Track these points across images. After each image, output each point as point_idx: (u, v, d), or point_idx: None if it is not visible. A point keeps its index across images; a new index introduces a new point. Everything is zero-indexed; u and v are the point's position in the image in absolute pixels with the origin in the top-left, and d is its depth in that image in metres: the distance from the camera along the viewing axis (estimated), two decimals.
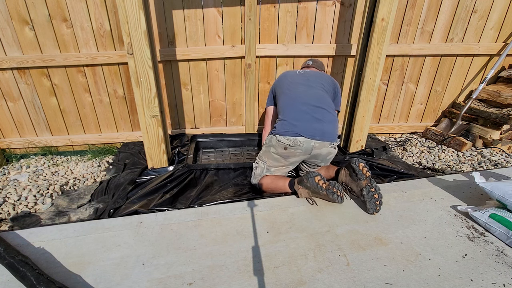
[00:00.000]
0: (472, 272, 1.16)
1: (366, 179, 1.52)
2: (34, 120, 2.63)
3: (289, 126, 1.69)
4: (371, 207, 1.48)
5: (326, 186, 1.54)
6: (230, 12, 2.40)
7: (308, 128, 1.68)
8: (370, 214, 1.50)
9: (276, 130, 1.74)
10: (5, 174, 2.41)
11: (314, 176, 1.55)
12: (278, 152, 1.74)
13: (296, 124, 1.68)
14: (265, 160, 1.82)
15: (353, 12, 2.49)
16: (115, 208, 1.71)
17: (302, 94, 1.80)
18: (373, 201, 1.47)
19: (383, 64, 2.07)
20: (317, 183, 1.53)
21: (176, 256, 1.25)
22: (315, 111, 1.72)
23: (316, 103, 1.76)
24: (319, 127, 1.69)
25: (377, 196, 1.48)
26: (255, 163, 1.90)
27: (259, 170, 1.84)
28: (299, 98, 1.78)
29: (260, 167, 1.84)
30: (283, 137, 1.69)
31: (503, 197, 1.38)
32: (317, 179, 1.54)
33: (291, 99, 1.79)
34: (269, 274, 1.15)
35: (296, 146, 1.67)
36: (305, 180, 1.57)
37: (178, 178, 1.94)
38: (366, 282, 1.11)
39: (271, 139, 1.77)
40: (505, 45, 2.69)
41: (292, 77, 1.93)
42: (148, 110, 1.88)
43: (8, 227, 1.67)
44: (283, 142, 1.69)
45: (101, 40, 2.38)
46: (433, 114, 3.06)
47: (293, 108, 1.75)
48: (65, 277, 1.14)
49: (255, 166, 1.89)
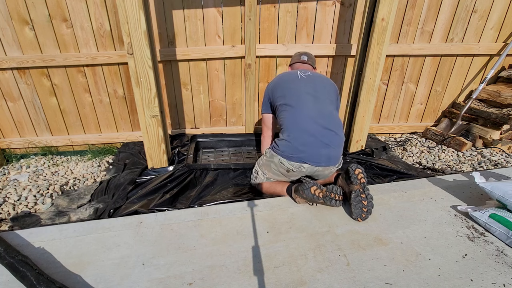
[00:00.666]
0: (472, 272, 1.16)
1: (359, 185, 1.48)
2: (34, 120, 2.63)
3: (294, 151, 1.58)
4: (355, 211, 1.44)
5: (323, 194, 1.52)
6: (230, 12, 2.40)
7: (315, 155, 1.58)
8: (353, 219, 1.47)
9: (279, 151, 1.63)
10: (5, 174, 2.41)
11: (310, 187, 1.52)
12: (280, 171, 1.69)
13: (302, 150, 1.57)
14: (265, 172, 1.75)
15: (353, 12, 2.49)
16: (115, 208, 1.71)
17: (310, 111, 1.63)
18: (359, 206, 1.43)
19: (383, 64, 2.07)
20: (313, 194, 1.51)
21: (176, 256, 1.25)
22: (323, 134, 1.60)
23: (326, 124, 1.61)
24: (325, 153, 1.60)
25: (365, 203, 1.43)
26: (255, 172, 1.84)
27: (258, 179, 1.80)
28: (307, 116, 1.62)
29: (259, 178, 1.79)
30: (287, 161, 1.60)
31: (503, 197, 1.38)
32: (312, 190, 1.52)
33: (298, 116, 1.63)
34: (269, 274, 1.15)
35: (300, 172, 1.64)
36: (301, 191, 1.55)
37: (178, 178, 1.94)
38: (366, 282, 1.11)
39: (272, 156, 1.67)
40: (505, 45, 2.69)
41: (295, 83, 1.74)
42: (148, 110, 1.88)
43: (8, 227, 1.67)
44: (286, 166, 1.62)
45: (101, 40, 2.38)
46: (433, 114, 3.06)
47: (299, 129, 1.61)
48: (65, 277, 1.14)
49: (254, 176, 1.84)
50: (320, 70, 2.71)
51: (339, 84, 2.79)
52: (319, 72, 2.37)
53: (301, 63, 1.98)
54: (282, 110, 1.71)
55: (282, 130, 1.70)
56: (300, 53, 2.02)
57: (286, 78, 1.81)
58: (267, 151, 1.76)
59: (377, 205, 1.57)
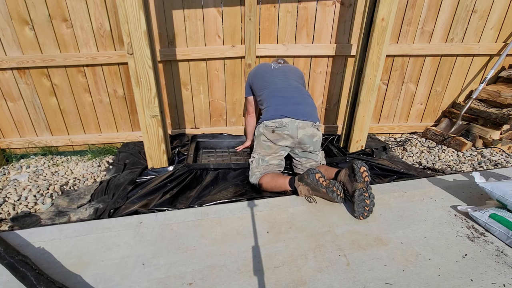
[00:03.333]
0: (472, 272, 1.16)
1: (363, 183, 1.49)
2: (34, 120, 2.63)
3: (273, 111, 1.84)
4: (358, 210, 1.45)
5: (326, 184, 1.54)
6: (230, 12, 2.40)
7: (291, 110, 1.82)
8: (355, 218, 1.47)
9: (262, 118, 1.88)
10: (5, 174, 2.41)
11: (315, 173, 1.56)
12: (268, 138, 1.84)
13: (279, 108, 1.83)
14: (259, 151, 1.90)
15: (353, 12, 2.49)
16: (115, 208, 1.71)
17: (282, 86, 1.97)
18: (362, 205, 1.45)
19: (383, 64, 2.07)
20: (317, 180, 1.54)
21: (176, 256, 1.25)
22: (294, 97, 1.91)
23: (295, 92, 1.95)
24: (300, 108, 1.85)
25: (368, 202, 1.45)
26: (251, 158, 1.96)
27: (255, 162, 1.89)
28: (280, 89, 1.95)
29: (255, 160, 1.90)
30: (269, 121, 1.81)
31: (503, 197, 1.39)
32: (317, 176, 1.55)
33: (273, 91, 1.95)
34: (269, 274, 1.15)
35: (283, 127, 1.78)
36: (306, 176, 1.58)
37: (178, 178, 1.94)
38: (366, 282, 1.11)
39: (258, 128, 1.90)
40: (505, 45, 2.69)
41: (270, 73, 2.07)
42: (148, 110, 1.88)
43: (8, 227, 1.67)
44: (270, 125, 1.80)
45: (101, 40, 2.38)
46: (433, 114, 3.06)
47: (275, 97, 1.91)
48: (65, 277, 1.14)
49: (251, 161, 1.94)
50: (320, 70, 2.71)
51: (339, 84, 2.79)
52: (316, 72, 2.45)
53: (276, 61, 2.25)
54: (261, 93, 2.01)
55: (262, 106, 1.98)
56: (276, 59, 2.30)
57: (264, 70, 2.12)
58: (255, 131, 1.97)
59: (377, 205, 1.57)
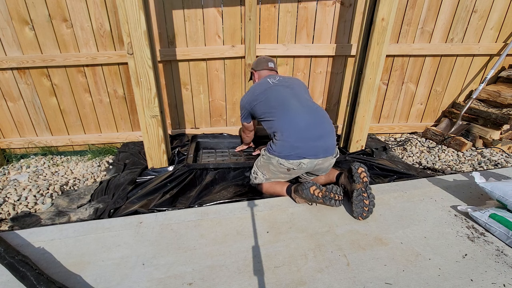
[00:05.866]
0: (472, 272, 1.16)
1: (361, 183, 1.49)
2: (34, 120, 2.63)
3: (290, 149, 1.59)
4: (356, 210, 1.45)
5: (323, 194, 1.53)
6: (230, 12, 2.40)
7: (311, 148, 1.59)
8: (354, 218, 1.48)
9: (276, 152, 1.63)
10: (5, 174, 2.41)
11: (309, 187, 1.53)
12: (279, 171, 1.68)
13: (299, 146, 1.59)
14: (265, 173, 1.75)
15: (353, 12, 2.49)
16: (115, 208, 1.71)
17: (297, 109, 1.67)
18: (360, 205, 1.45)
19: (383, 64, 2.07)
20: (312, 194, 1.52)
21: (176, 256, 1.25)
22: (315, 127, 1.63)
23: (314, 117, 1.66)
24: (321, 145, 1.61)
25: (367, 202, 1.44)
26: (254, 173, 1.83)
27: (258, 180, 1.80)
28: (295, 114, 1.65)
29: (259, 178, 1.78)
30: (286, 161, 1.60)
31: (503, 197, 1.38)
32: (312, 190, 1.53)
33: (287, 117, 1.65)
34: (269, 274, 1.15)
35: (300, 168, 1.63)
36: (300, 191, 1.56)
37: (178, 178, 1.94)
38: (366, 282, 1.11)
39: (270, 158, 1.67)
40: (505, 45, 2.69)
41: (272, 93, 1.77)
42: (148, 110, 1.88)
43: (8, 227, 1.67)
44: (286, 165, 1.62)
45: (101, 40, 2.38)
46: (433, 114, 3.06)
47: (291, 127, 1.62)
48: (65, 277, 1.14)
49: (254, 176, 1.82)
50: (320, 70, 2.71)
51: (339, 84, 2.79)
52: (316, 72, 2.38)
53: (269, 70, 2.02)
54: (270, 119, 1.72)
55: (274, 133, 1.70)
56: (266, 60, 2.04)
57: (260, 91, 1.81)
58: (263, 152, 1.76)
59: (377, 205, 1.57)
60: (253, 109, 1.85)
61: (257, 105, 1.80)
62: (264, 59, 2.05)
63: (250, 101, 1.85)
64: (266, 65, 2.02)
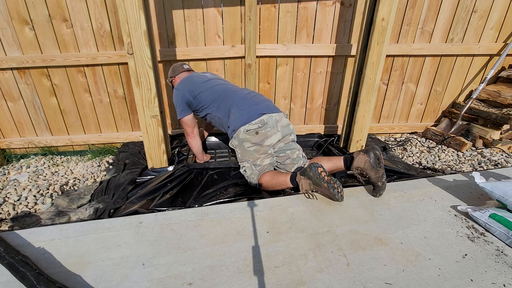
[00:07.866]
0: (472, 272, 1.16)
1: (383, 169, 1.60)
2: (34, 120, 2.63)
3: (248, 112, 1.77)
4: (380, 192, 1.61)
5: (328, 179, 1.55)
6: (230, 12, 2.40)
7: (263, 107, 1.80)
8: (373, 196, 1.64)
9: (238, 122, 1.77)
10: (5, 174, 2.41)
11: (317, 167, 1.57)
12: (253, 142, 1.77)
13: (253, 108, 1.78)
14: (247, 158, 1.83)
15: (353, 12, 2.49)
16: (115, 208, 1.71)
17: (243, 90, 1.95)
18: (384, 187, 1.61)
19: (383, 64, 2.07)
20: (319, 174, 1.55)
21: (176, 256, 1.25)
22: (256, 95, 1.91)
23: (252, 91, 1.96)
24: (268, 104, 1.85)
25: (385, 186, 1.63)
26: (242, 169, 1.89)
27: (248, 171, 1.84)
28: (239, 92, 1.91)
29: (248, 168, 1.85)
30: (249, 124, 1.74)
31: (503, 197, 1.38)
32: (319, 170, 1.56)
33: (235, 96, 1.88)
34: (269, 274, 1.15)
35: (265, 125, 1.74)
36: (308, 169, 1.58)
37: (178, 178, 1.94)
38: (366, 282, 1.11)
39: (238, 135, 1.79)
40: (505, 45, 2.69)
41: (216, 81, 1.99)
42: (148, 110, 1.88)
43: (8, 227, 1.67)
44: (252, 128, 1.74)
45: (101, 40, 2.38)
46: (433, 114, 3.06)
47: (243, 98, 1.85)
48: (65, 277, 1.14)
49: (243, 170, 1.88)
50: (320, 70, 2.71)
51: (339, 84, 2.79)
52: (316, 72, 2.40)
53: (186, 71, 2.14)
54: (218, 105, 1.89)
55: (230, 110, 1.84)
56: (180, 64, 2.17)
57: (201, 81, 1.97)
58: (233, 141, 1.86)
59: (377, 205, 1.58)
60: (196, 98, 1.93)
61: (201, 93, 1.92)
62: (178, 64, 2.17)
63: (190, 89, 1.94)
64: (182, 68, 2.14)
